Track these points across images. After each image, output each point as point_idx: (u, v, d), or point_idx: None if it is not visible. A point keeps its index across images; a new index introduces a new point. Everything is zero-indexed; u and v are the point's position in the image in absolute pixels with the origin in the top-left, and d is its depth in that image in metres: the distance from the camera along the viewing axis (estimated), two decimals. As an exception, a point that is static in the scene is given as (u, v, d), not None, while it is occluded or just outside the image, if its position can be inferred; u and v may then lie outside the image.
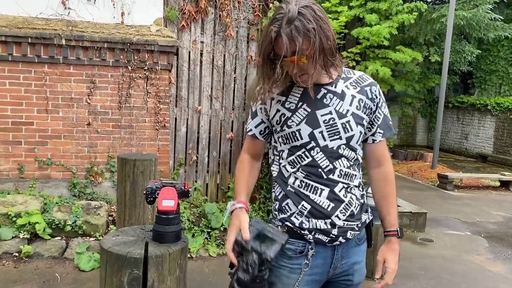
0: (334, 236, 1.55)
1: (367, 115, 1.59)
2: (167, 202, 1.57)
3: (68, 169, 4.71)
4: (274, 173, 1.66)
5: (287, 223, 1.57)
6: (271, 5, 4.99)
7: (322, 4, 10.63)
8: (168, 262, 1.53)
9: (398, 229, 1.64)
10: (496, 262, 4.77)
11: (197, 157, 5.25)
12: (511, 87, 13.23)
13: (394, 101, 14.17)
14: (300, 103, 1.55)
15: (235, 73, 5.30)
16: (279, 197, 1.62)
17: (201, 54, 5.16)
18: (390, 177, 1.68)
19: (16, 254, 4.03)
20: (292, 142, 1.56)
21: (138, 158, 3.02)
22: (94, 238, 4.24)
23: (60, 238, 4.24)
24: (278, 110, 1.58)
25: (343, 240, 1.57)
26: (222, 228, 4.64)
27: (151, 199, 1.63)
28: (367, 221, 1.67)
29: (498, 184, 9.23)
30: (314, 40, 1.38)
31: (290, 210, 1.57)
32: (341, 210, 1.54)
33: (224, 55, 5.24)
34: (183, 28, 5.02)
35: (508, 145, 12.55)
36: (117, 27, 4.78)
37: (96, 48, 4.60)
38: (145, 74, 4.79)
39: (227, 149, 5.32)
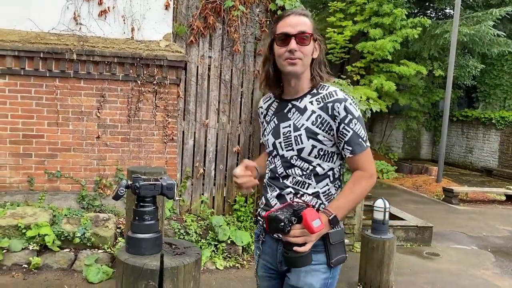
0: None
1: (324, 130, 1.69)
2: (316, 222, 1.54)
3: (77, 181, 4.77)
4: None
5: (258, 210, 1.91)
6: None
7: (327, 19, 10.81)
8: (183, 273, 1.57)
9: (334, 215, 1.63)
10: (504, 277, 4.76)
11: (204, 170, 5.30)
12: (516, 101, 13.26)
13: (399, 114, 14.23)
14: (273, 117, 1.85)
15: (242, 87, 5.37)
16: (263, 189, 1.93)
17: (209, 68, 5.24)
18: (356, 176, 1.72)
19: (26, 265, 4.07)
20: (267, 148, 1.87)
21: (148, 171, 3.13)
22: (103, 250, 4.27)
23: (69, 250, 4.28)
24: (262, 122, 1.94)
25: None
26: (229, 241, 4.67)
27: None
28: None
29: (504, 198, 9.21)
30: (315, 29, 1.69)
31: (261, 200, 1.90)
32: None
33: (232, 69, 5.32)
34: (191, 44, 5.12)
35: (513, 159, 12.53)
36: (127, 42, 4.88)
37: (106, 62, 4.70)
38: (154, 88, 4.87)
39: (233, 162, 5.36)
